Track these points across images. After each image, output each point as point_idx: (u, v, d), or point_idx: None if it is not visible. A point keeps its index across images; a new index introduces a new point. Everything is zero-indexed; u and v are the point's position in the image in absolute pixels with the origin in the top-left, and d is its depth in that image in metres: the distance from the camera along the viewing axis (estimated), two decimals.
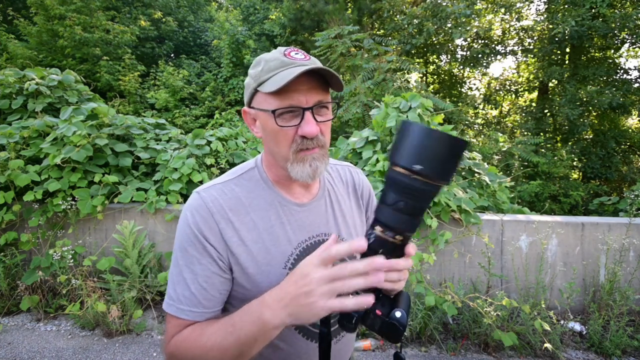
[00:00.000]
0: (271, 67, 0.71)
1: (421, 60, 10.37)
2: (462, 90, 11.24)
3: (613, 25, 7.22)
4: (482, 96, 11.42)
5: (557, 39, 7.86)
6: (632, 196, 3.81)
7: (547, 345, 2.36)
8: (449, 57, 10.74)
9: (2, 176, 3.08)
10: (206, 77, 9.93)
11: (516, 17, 9.60)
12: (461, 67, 10.94)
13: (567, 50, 8.81)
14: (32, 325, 2.96)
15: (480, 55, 9.34)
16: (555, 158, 7.29)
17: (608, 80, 8.39)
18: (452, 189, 2.99)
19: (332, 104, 0.75)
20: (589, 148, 8.26)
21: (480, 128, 10.60)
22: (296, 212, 0.82)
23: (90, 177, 3.24)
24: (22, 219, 3.23)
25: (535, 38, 9.51)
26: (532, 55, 9.57)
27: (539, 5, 13.60)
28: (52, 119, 3.57)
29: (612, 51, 8.89)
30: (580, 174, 8.46)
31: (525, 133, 8.52)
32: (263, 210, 0.79)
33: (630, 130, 9.27)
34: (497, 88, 11.23)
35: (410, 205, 0.60)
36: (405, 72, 5.68)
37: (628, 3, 8.02)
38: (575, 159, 8.15)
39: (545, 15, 9.11)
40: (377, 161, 3.16)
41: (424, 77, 10.80)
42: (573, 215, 6.13)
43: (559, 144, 8.75)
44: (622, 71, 8.52)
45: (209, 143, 3.74)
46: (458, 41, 9.53)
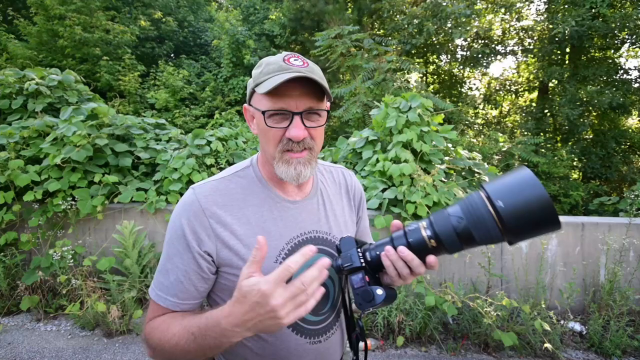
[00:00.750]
0: (269, 70, 0.74)
1: (421, 60, 10.37)
2: (462, 90, 11.24)
3: (613, 25, 7.22)
4: (482, 96, 11.43)
5: (557, 39, 7.87)
6: (632, 196, 3.81)
7: (547, 345, 2.36)
8: (449, 57, 10.74)
9: (2, 176, 3.07)
10: (206, 77, 9.92)
11: (516, 17, 9.60)
12: (461, 67, 10.94)
13: (567, 50, 8.81)
14: (32, 325, 2.96)
15: (480, 55, 9.34)
16: (555, 158, 7.29)
17: (608, 80, 8.39)
18: (452, 189, 2.99)
19: (324, 111, 0.78)
20: (589, 148, 8.25)
21: (480, 128, 10.60)
22: (288, 209, 0.85)
23: (90, 177, 3.24)
24: (22, 219, 3.23)
25: (535, 38, 9.52)
26: (532, 55, 9.57)
27: (539, 5, 13.60)
28: (52, 119, 3.57)
29: (612, 51, 8.89)
30: (580, 174, 8.46)
31: (525, 133, 8.51)
32: (256, 206, 0.82)
33: (630, 130, 9.27)
34: (497, 88, 11.24)
35: (466, 229, 0.61)
36: (405, 72, 5.68)
37: (628, 3, 8.02)
38: (575, 159, 8.15)
39: (545, 15, 9.11)
40: (377, 161, 3.16)
41: (424, 77, 10.81)
42: (573, 215, 6.13)
43: (559, 144, 8.74)
44: (622, 71, 8.52)
45: (209, 143, 3.74)
46: (458, 41, 9.54)
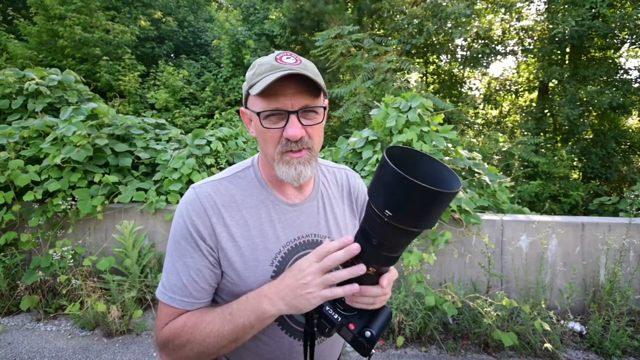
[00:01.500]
0: (262, 70, 0.73)
1: (421, 60, 10.37)
2: (462, 90, 11.23)
3: (613, 25, 7.21)
4: (482, 96, 11.42)
5: (557, 39, 7.86)
6: (632, 196, 3.81)
7: (547, 345, 2.36)
8: (449, 57, 10.74)
9: (2, 176, 3.07)
10: (206, 77, 9.92)
11: (516, 17, 9.60)
12: (461, 67, 10.94)
13: (567, 50, 8.81)
14: (32, 325, 2.96)
15: (480, 55, 9.34)
16: (555, 158, 7.29)
17: (608, 80, 8.38)
18: None
19: (321, 108, 0.77)
20: (589, 148, 8.25)
21: (480, 128, 10.60)
22: (287, 211, 0.84)
23: (90, 177, 3.24)
24: (22, 219, 3.23)
25: (535, 38, 9.51)
26: (532, 55, 9.56)
27: (539, 5, 13.61)
28: (52, 119, 3.57)
29: (612, 51, 8.89)
30: (580, 174, 8.46)
31: (525, 133, 8.51)
32: (254, 208, 0.82)
33: (630, 130, 9.27)
34: (497, 88, 11.23)
35: (383, 245, 0.60)
36: (405, 72, 5.68)
37: (628, 3, 8.02)
38: (575, 159, 8.15)
39: (545, 15, 9.11)
40: (377, 161, 3.16)
41: (424, 77, 10.80)
42: (573, 215, 6.13)
43: (559, 144, 8.74)
44: (622, 71, 8.52)
45: (209, 143, 3.74)
46: (458, 41, 9.53)
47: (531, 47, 9.64)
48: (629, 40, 8.38)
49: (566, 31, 7.26)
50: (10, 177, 3.07)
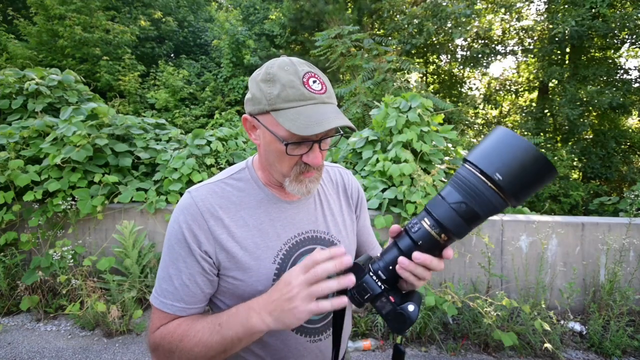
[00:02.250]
0: (290, 96, 0.69)
1: (421, 60, 10.37)
2: (462, 90, 11.23)
3: (613, 25, 7.21)
4: (482, 96, 11.42)
5: (557, 39, 7.86)
6: (632, 196, 3.81)
7: (547, 345, 2.36)
8: (449, 57, 10.74)
9: (2, 176, 3.07)
10: (206, 77, 9.92)
11: (516, 17, 9.59)
12: (461, 67, 10.94)
13: (567, 50, 8.81)
14: (32, 325, 2.95)
15: (480, 55, 9.34)
16: (555, 158, 7.29)
17: (608, 80, 8.38)
18: None
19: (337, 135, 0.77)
20: (589, 148, 8.25)
21: (480, 128, 10.60)
22: (285, 209, 0.85)
23: (90, 177, 3.24)
24: (22, 219, 3.23)
25: (535, 38, 9.52)
26: (532, 55, 9.57)
27: (539, 5, 13.62)
28: (52, 119, 3.57)
29: (612, 51, 8.89)
30: (580, 174, 8.46)
31: (525, 133, 8.51)
32: (253, 208, 0.82)
33: (630, 130, 9.27)
34: (497, 88, 11.23)
35: (470, 211, 0.58)
36: (405, 72, 5.68)
37: (628, 3, 8.02)
38: (575, 159, 8.15)
39: (545, 15, 9.11)
40: (377, 161, 3.16)
41: (424, 77, 10.80)
42: (573, 215, 6.13)
43: (559, 144, 8.74)
44: (622, 71, 8.52)
45: (209, 143, 3.74)
46: (458, 41, 9.54)
47: (531, 47, 9.64)
48: (629, 40, 8.39)
49: (566, 31, 7.26)
50: (10, 177, 3.07)
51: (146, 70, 9.86)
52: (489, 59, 9.78)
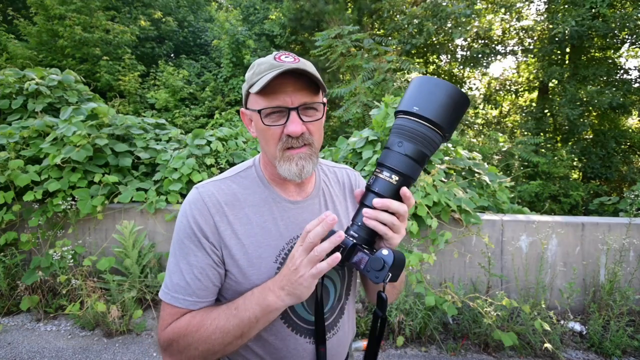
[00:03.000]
0: (261, 69, 0.74)
1: (421, 60, 10.37)
2: (462, 90, 11.21)
3: (613, 25, 7.21)
4: (482, 96, 11.41)
5: (557, 39, 7.86)
6: (632, 196, 3.81)
7: (547, 345, 2.36)
8: (449, 57, 10.74)
9: (2, 176, 3.07)
10: (206, 77, 9.92)
11: (516, 17, 9.59)
12: (461, 67, 10.94)
13: (567, 50, 8.80)
14: (32, 325, 2.96)
15: (480, 55, 9.33)
16: (555, 158, 7.28)
17: (608, 80, 8.38)
18: (452, 189, 2.99)
19: (320, 104, 0.78)
20: (589, 148, 8.25)
21: (480, 128, 10.59)
22: (289, 209, 0.85)
23: (90, 177, 3.24)
24: (22, 219, 3.23)
25: (535, 38, 9.51)
26: (532, 55, 9.56)
27: (539, 5, 13.62)
28: (52, 119, 3.57)
29: (612, 51, 8.89)
30: (580, 174, 8.46)
31: (525, 133, 8.51)
32: (257, 206, 0.83)
33: (630, 130, 9.26)
34: (497, 88, 11.23)
35: (408, 147, 0.66)
36: (405, 72, 5.68)
37: (628, 3, 8.02)
38: (575, 159, 8.15)
39: (545, 15, 9.11)
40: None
41: None
42: (573, 215, 6.13)
43: (559, 144, 8.74)
44: (622, 71, 8.52)
45: (209, 143, 3.74)
46: (458, 41, 9.53)
47: (531, 47, 9.63)
48: (629, 40, 8.38)
49: (566, 31, 7.25)
50: (10, 177, 3.07)
51: (146, 70, 9.86)
52: (489, 59, 9.77)
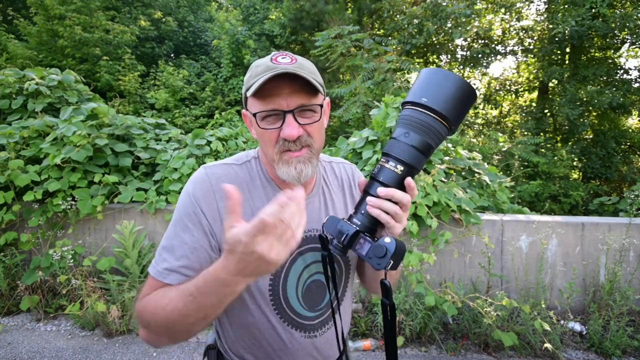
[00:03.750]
0: (258, 72, 0.73)
1: (421, 60, 10.36)
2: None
3: (613, 25, 7.21)
4: (482, 96, 11.41)
5: (557, 39, 7.86)
6: (632, 196, 3.81)
7: (547, 345, 2.36)
8: (449, 57, 10.73)
9: (2, 176, 3.07)
10: (206, 77, 9.91)
11: (516, 17, 9.59)
12: (461, 67, 10.93)
13: (567, 50, 8.80)
14: (32, 325, 2.96)
15: (480, 55, 9.33)
16: (555, 158, 7.28)
17: (608, 80, 8.38)
18: (452, 189, 2.99)
19: (318, 106, 0.76)
20: (589, 148, 8.25)
21: (480, 128, 10.59)
22: None
23: (90, 177, 3.24)
24: (22, 219, 3.23)
25: (535, 38, 9.51)
26: (532, 55, 9.56)
27: (539, 5, 13.60)
28: (52, 119, 3.57)
29: (612, 51, 8.89)
30: (580, 174, 8.46)
31: (525, 133, 8.51)
32: (260, 200, 0.83)
33: (630, 130, 9.26)
34: (497, 88, 11.22)
35: (415, 138, 0.66)
36: (405, 72, 5.68)
37: (628, 3, 8.02)
38: (575, 159, 8.14)
39: (545, 15, 9.10)
40: (377, 161, 3.15)
41: None
42: (573, 215, 6.13)
43: (559, 144, 8.74)
44: (622, 71, 8.51)
45: (209, 143, 3.74)
46: (458, 41, 9.53)
47: (531, 47, 9.63)
48: (629, 40, 8.38)
49: (566, 31, 7.25)
50: (10, 177, 3.07)
51: (146, 70, 9.85)
52: (489, 59, 9.77)
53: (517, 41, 9.94)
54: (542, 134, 8.42)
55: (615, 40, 8.39)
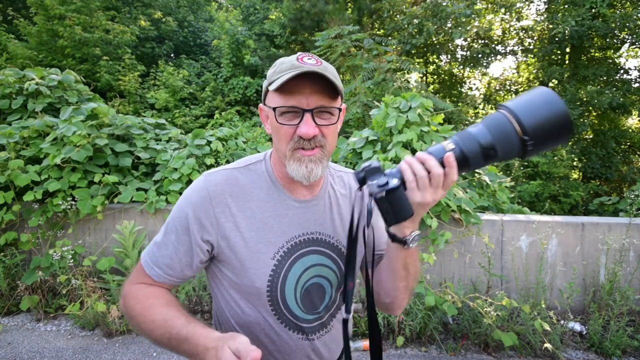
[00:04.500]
0: (282, 68, 0.74)
1: (421, 60, 10.36)
2: (462, 90, 11.22)
3: (613, 25, 7.21)
4: (482, 96, 11.41)
5: (557, 39, 7.86)
6: (632, 196, 3.81)
7: (547, 345, 2.36)
8: (449, 57, 10.74)
9: (2, 176, 3.07)
10: (206, 77, 9.91)
11: (516, 17, 9.60)
12: (461, 67, 10.94)
13: (567, 50, 8.80)
14: (32, 325, 2.96)
15: (480, 55, 9.34)
16: (555, 158, 7.28)
17: (608, 80, 8.38)
18: (452, 189, 2.99)
19: (336, 109, 0.77)
20: (589, 148, 8.25)
21: None
22: (294, 207, 0.85)
23: (90, 177, 3.24)
24: (22, 219, 3.23)
25: (535, 38, 9.52)
26: (532, 55, 9.56)
27: (539, 5, 13.59)
28: (52, 119, 3.57)
29: (612, 51, 8.89)
30: (580, 174, 8.46)
31: None
32: (262, 201, 0.83)
33: (630, 130, 9.26)
34: (497, 88, 11.22)
35: (484, 135, 0.66)
36: (405, 72, 5.68)
37: (628, 3, 8.02)
38: (575, 159, 8.15)
39: (545, 15, 9.11)
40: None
41: (424, 77, 10.80)
42: (573, 215, 6.13)
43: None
44: (622, 71, 8.51)
45: (208, 143, 3.74)
46: (458, 41, 9.54)
47: (531, 47, 9.64)
48: (629, 40, 8.38)
49: (566, 31, 7.25)
50: (10, 177, 3.07)
51: (146, 70, 9.85)
52: (489, 59, 9.78)
53: (517, 41, 9.95)
54: None
55: (615, 40, 8.40)
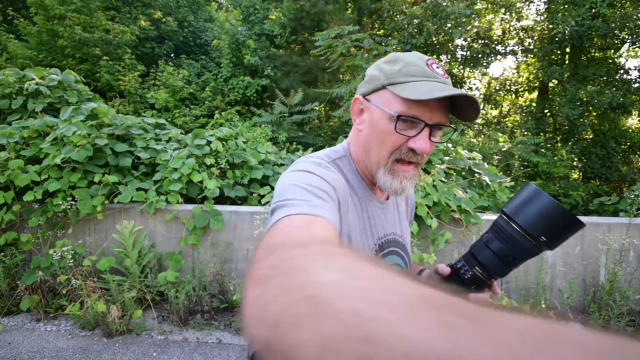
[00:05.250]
0: (411, 72, 0.69)
1: None
2: (462, 90, 11.20)
3: (613, 25, 7.21)
4: (482, 96, 11.41)
5: (557, 39, 7.86)
6: (632, 196, 3.81)
7: None
8: (449, 57, 10.73)
9: (2, 176, 3.07)
10: (206, 77, 9.91)
11: (516, 17, 9.59)
12: (461, 67, 10.94)
13: (567, 50, 8.80)
14: (32, 325, 2.95)
15: (480, 55, 9.33)
16: (555, 158, 7.28)
17: (608, 80, 8.38)
18: (452, 189, 2.99)
19: (450, 128, 0.74)
20: (589, 148, 8.25)
21: (480, 128, 10.59)
22: (378, 208, 0.84)
23: (90, 177, 3.24)
24: (22, 219, 3.23)
25: (535, 38, 9.51)
26: (532, 55, 9.56)
27: (539, 5, 13.59)
28: (52, 119, 3.57)
29: (612, 51, 8.89)
30: (580, 174, 8.45)
31: (525, 133, 8.51)
32: (359, 197, 0.79)
33: (630, 130, 9.26)
34: (497, 88, 11.22)
35: (514, 260, 0.69)
36: None
37: (628, 3, 8.02)
38: (575, 159, 8.14)
39: (545, 15, 9.10)
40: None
41: None
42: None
43: (559, 144, 8.74)
44: (622, 71, 8.51)
45: (209, 143, 3.74)
46: (458, 41, 9.53)
47: (531, 47, 9.63)
48: (629, 40, 8.38)
49: (566, 31, 7.25)
50: (10, 177, 3.07)
51: (146, 70, 9.85)
52: (489, 59, 9.77)
53: (517, 41, 9.94)
54: (542, 134, 8.43)
55: (615, 40, 8.39)
